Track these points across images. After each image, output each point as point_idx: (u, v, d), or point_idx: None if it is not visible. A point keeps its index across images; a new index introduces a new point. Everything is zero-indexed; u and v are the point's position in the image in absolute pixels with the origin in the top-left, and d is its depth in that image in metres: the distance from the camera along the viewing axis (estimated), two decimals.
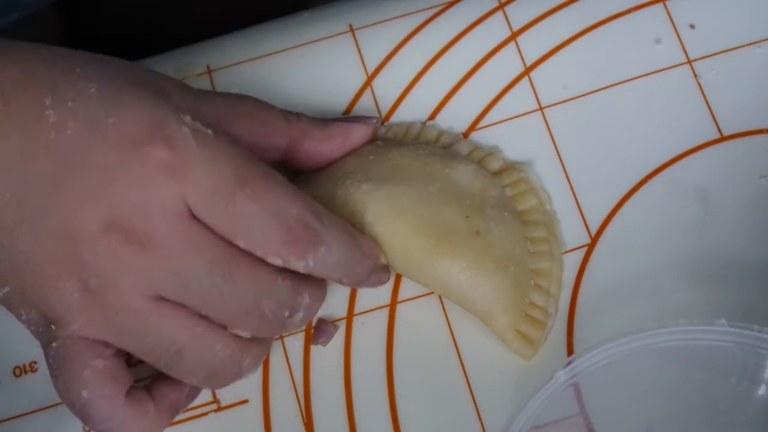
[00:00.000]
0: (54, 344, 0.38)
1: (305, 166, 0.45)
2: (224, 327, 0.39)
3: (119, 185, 0.37)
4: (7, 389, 0.45)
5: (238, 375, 0.40)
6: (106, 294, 0.37)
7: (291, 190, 0.39)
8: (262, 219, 0.38)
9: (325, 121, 0.46)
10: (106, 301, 0.37)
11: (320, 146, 0.45)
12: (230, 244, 0.38)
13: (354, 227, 0.44)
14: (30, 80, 0.37)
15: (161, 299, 0.38)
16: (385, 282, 0.44)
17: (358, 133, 0.46)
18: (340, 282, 0.42)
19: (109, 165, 0.37)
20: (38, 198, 0.37)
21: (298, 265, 0.39)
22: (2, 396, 0.45)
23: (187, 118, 0.38)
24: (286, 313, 0.40)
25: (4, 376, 0.46)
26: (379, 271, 0.44)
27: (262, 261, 0.39)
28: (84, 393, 0.38)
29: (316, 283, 0.41)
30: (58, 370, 0.39)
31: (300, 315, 0.40)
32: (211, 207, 0.37)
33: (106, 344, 0.38)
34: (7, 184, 0.37)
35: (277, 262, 0.39)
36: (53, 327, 0.38)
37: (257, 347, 0.41)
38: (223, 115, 0.41)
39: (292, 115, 0.44)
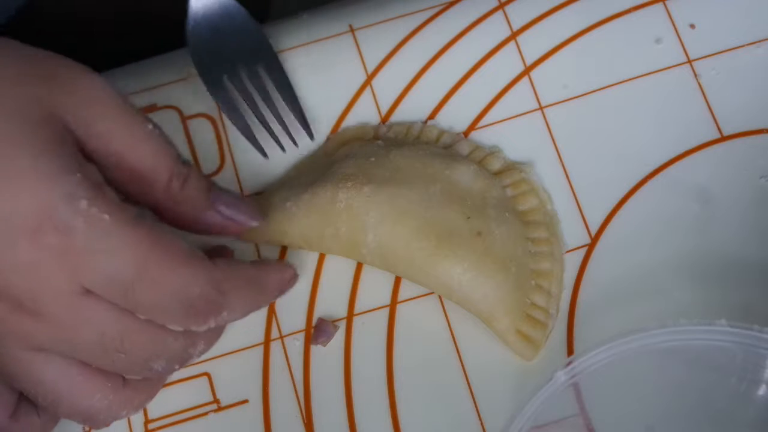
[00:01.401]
0: None
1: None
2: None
3: (7, 268, 0.35)
4: None
5: (116, 419, 0.40)
6: None
7: (192, 266, 0.38)
8: (162, 303, 0.37)
9: (206, 201, 0.41)
10: None
11: (188, 225, 0.41)
12: (125, 313, 0.37)
13: (355, 229, 0.44)
14: None
15: (46, 350, 0.37)
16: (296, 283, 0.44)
17: (234, 230, 0.42)
18: None
19: None
20: None
21: (200, 330, 0.39)
22: None
23: (83, 204, 0.35)
24: (177, 366, 0.40)
25: None
26: (288, 285, 0.43)
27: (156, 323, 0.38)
28: None
29: (213, 331, 0.41)
30: None
31: (193, 359, 0.41)
32: (109, 293, 0.37)
33: None
34: None
35: (178, 329, 0.39)
36: None
37: (140, 394, 0.40)
38: (111, 158, 0.38)
39: (177, 181, 0.40)
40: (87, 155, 0.38)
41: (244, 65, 0.48)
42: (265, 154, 0.48)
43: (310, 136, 0.48)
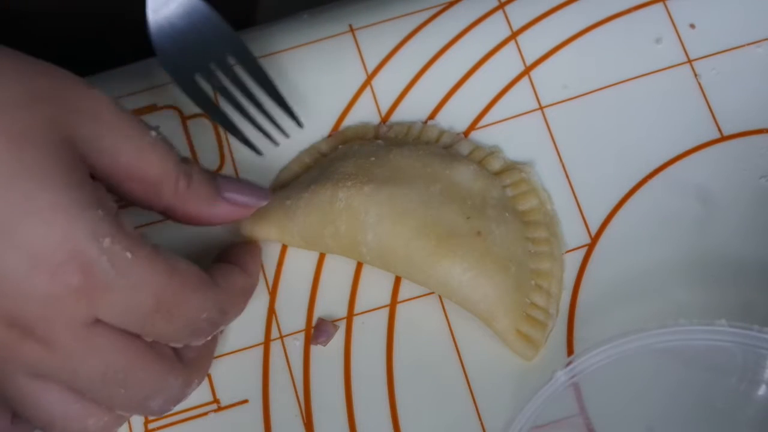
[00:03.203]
0: None
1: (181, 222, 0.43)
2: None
3: (23, 298, 0.35)
4: None
5: None
6: None
7: (203, 292, 0.39)
8: (174, 332, 0.39)
9: (214, 193, 0.42)
10: None
11: (198, 220, 0.42)
12: (132, 341, 0.38)
13: (354, 228, 0.44)
14: None
15: (45, 377, 0.37)
16: None
17: (244, 214, 0.43)
18: None
19: (14, 275, 0.35)
20: None
21: (197, 344, 0.41)
22: None
23: (106, 242, 0.36)
24: (172, 407, 0.41)
25: None
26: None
27: (158, 355, 0.39)
28: None
29: (205, 367, 0.42)
30: None
31: (184, 400, 0.41)
32: (124, 324, 0.37)
33: None
34: None
35: (179, 346, 0.40)
36: None
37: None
38: (119, 172, 0.39)
39: (183, 181, 0.40)
40: (93, 171, 0.38)
41: (217, 63, 0.47)
42: (258, 152, 0.47)
43: (299, 123, 0.47)
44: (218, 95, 0.47)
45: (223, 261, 0.44)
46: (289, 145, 0.49)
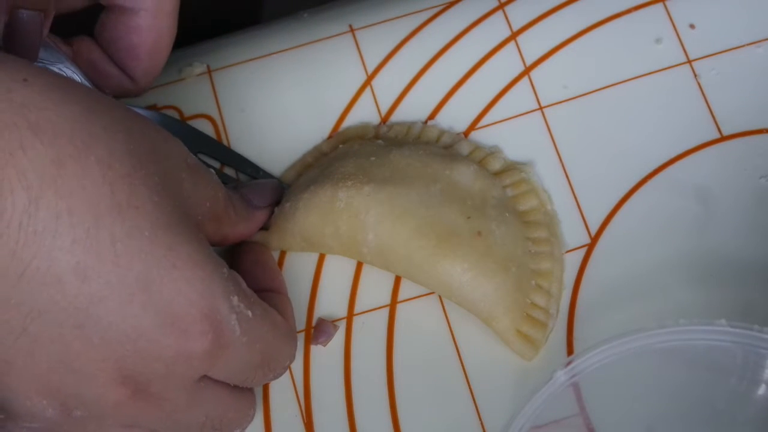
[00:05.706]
0: None
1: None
2: None
3: (151, 357, 0.34)
4: None
5: None
6: (86, 423, 0.36)
7: (292, 343, 0.40)
8: (265, 380, 0.40)
9: (250, 208, 0.44)
10: (82, 425, 0.36)
11: (243, 237, 0.44)
12: (229, 389, 0.38)
13: (355, 228, 0.44)
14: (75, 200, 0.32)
15: (138, 425, 0.37)
16: None
17: (269, 214, 0.45)
18: None
19: (148, 334, 0.33)
20: (52, 321, 0.32)
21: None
22: None
23: (234, 300, 0.35)
24: None
25: None
26: None
27: (243, 394, 0.40)
28: None
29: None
30: None
31: None
32: (228, 379, 0.38)
33: None
34: (23, 290, 0.32)
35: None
36: (1, 416, 0.35)
37: None
38: (199, 217, 0.38)
39: (231, 208, 0.41)
40: None
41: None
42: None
43: (282, 183, 0.48)
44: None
45: (259, 286, 0.43)
46: (291, 147, 0.49)
